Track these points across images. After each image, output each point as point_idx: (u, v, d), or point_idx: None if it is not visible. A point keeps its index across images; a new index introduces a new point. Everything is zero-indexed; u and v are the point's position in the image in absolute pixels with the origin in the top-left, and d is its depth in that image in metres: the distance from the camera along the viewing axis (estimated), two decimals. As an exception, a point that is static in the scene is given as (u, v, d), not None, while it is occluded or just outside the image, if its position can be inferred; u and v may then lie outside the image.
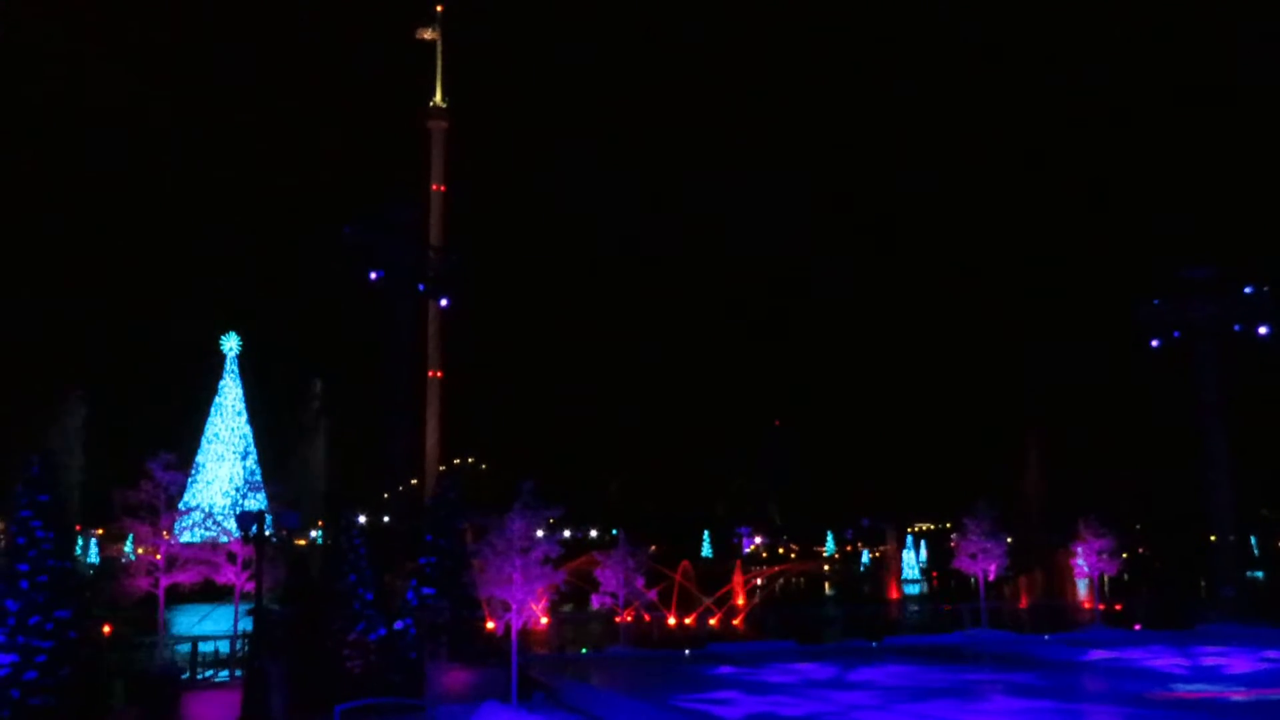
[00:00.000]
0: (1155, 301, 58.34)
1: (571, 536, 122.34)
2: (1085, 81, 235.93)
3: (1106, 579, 59.69)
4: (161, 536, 33.01)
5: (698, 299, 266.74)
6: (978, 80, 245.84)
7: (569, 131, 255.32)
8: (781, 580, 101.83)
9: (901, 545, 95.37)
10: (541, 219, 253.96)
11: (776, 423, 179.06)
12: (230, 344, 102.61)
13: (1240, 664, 34.87)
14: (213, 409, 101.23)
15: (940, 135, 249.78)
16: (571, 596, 51.30)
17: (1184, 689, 29.68)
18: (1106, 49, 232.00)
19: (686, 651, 39.51)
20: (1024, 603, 56.03)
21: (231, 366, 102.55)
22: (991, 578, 45.77)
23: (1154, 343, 58.13)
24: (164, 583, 32.45)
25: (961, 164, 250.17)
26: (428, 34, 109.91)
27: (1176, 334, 57.63)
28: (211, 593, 37.93)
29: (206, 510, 43.91)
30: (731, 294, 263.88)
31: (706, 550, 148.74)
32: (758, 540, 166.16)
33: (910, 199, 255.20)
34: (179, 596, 36.51)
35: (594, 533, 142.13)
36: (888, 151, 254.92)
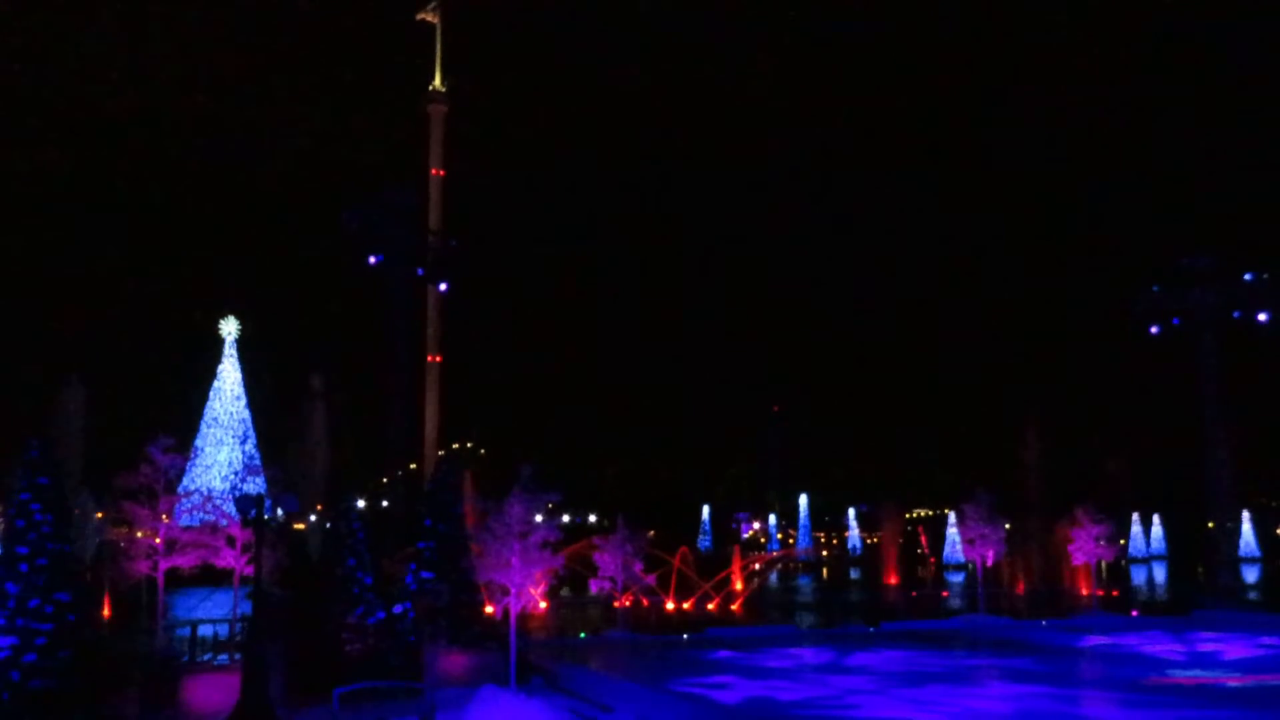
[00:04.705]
0: (1155, 288, 58.41)
1: (570, 521, 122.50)
2: (1083, 73, 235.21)
3: (1104, 565, 59.87)
4: (161, 520, 33.11)
5: (698, 284, 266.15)
6: (975, 72, 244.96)
7: (570, 117, 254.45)
8: (780, 566, 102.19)
9: (900, 531, 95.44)
10: (542, 202, 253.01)
11: (775, 409, 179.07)
12: (229, 327, 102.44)
13: (1237, 650, 35.01)
14: (211, 393, 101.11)
15: (938, 126, 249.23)
16: (570, 581, 51.44)
17: (1180, 675, 29.79)
18: (1104, 40, 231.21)
19: (684, 636, 39.63)
20: (1021, 588, 56.19)
21: (230, 350, 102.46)
22: (989, 563, 45.91)
23: (1154, 330, 58.22)
24: (163, 566, 32.57)
25: (959, 156, 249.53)
26: (428, 16, 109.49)
27: (1176, 321, 57.72)
28: (211, 576, 38.07)
29: (205, 494, 44.01)
30: (731, 281, 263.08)
31: (704, 537, 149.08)
32: (756, 526, 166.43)
33: (909, 189, 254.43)
34: (178, 580, 36.63)
35: (593, 518, 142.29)
36: (886, 144, 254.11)
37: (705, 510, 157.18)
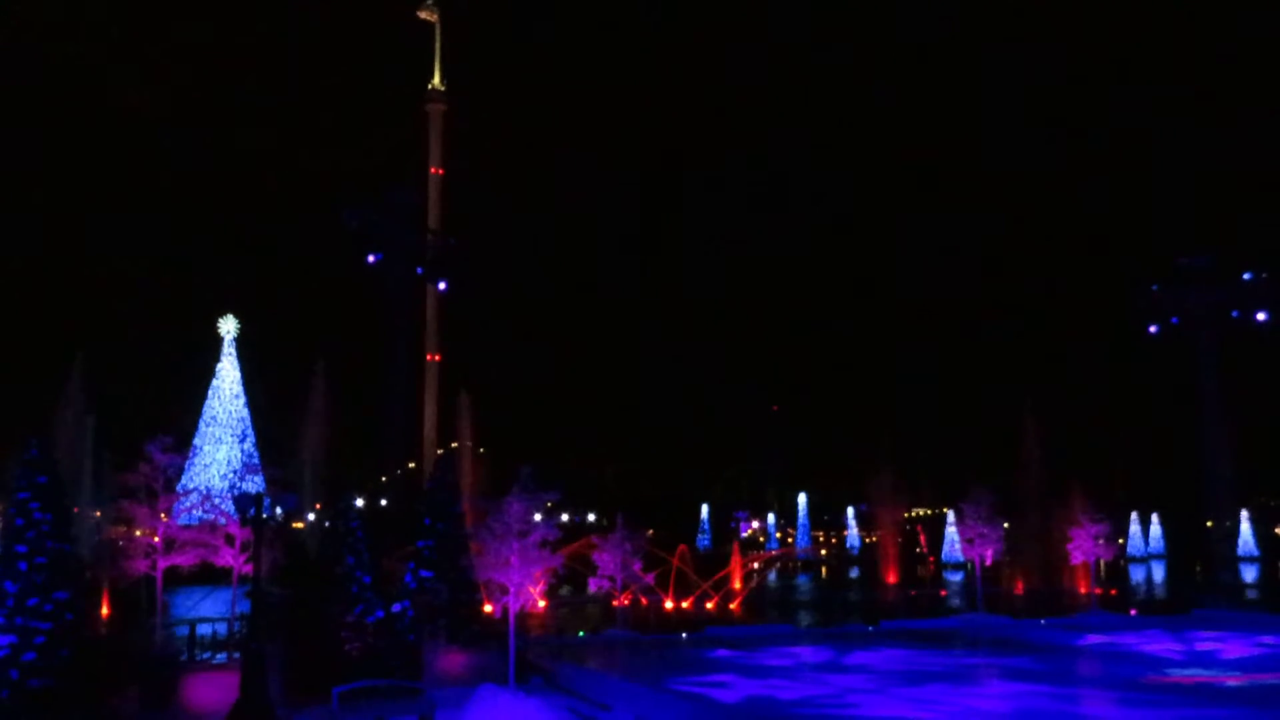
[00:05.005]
0: (1155, 288, 58.49)
1: (569, 520, 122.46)
2: (1083, 72, 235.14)
3: (1103, 564, 59.87)
4: (159, 519, 33.10)
5: (697, 284, 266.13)
6: (976, 71, 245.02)
7: (570, 117, 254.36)
8: (778, 564, 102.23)
9: (898, 530, 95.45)
10: (541, 202, 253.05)
11: (774, 408, 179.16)
12: (228, 325, 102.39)
13: (1235, 649, 35.00)
14: (210, 391, 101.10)
15: (938, 123, 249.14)
16: (569, 580, 51.47)
17: (1179, 674, 29.80)
18: (1104, 35, 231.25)
19: (684, 635, 39.62)
20: (1020, 587, 56.23)
21: (229, 348, 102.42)
22: (988, 562, 45.92)
23: (1152, 329, 58.29)
24: (162, 565, 32.56)
25: (960, 153, 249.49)
26: (427, 15, 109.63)
27: (1175, 320, 57.80)
28: (209, 575, 38.06)
29: (204, 492, 44.01)
30: (730, 278, 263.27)
31: (703, 536, 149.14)
32: (755, 525, 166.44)
33: (909, 186, 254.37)
34: (177, 579, 36.60)
35: (592, 516, 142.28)
36: (886, 143, 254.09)
37: (704, 509, 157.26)
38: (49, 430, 39.60)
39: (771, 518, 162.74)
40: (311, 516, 67.58)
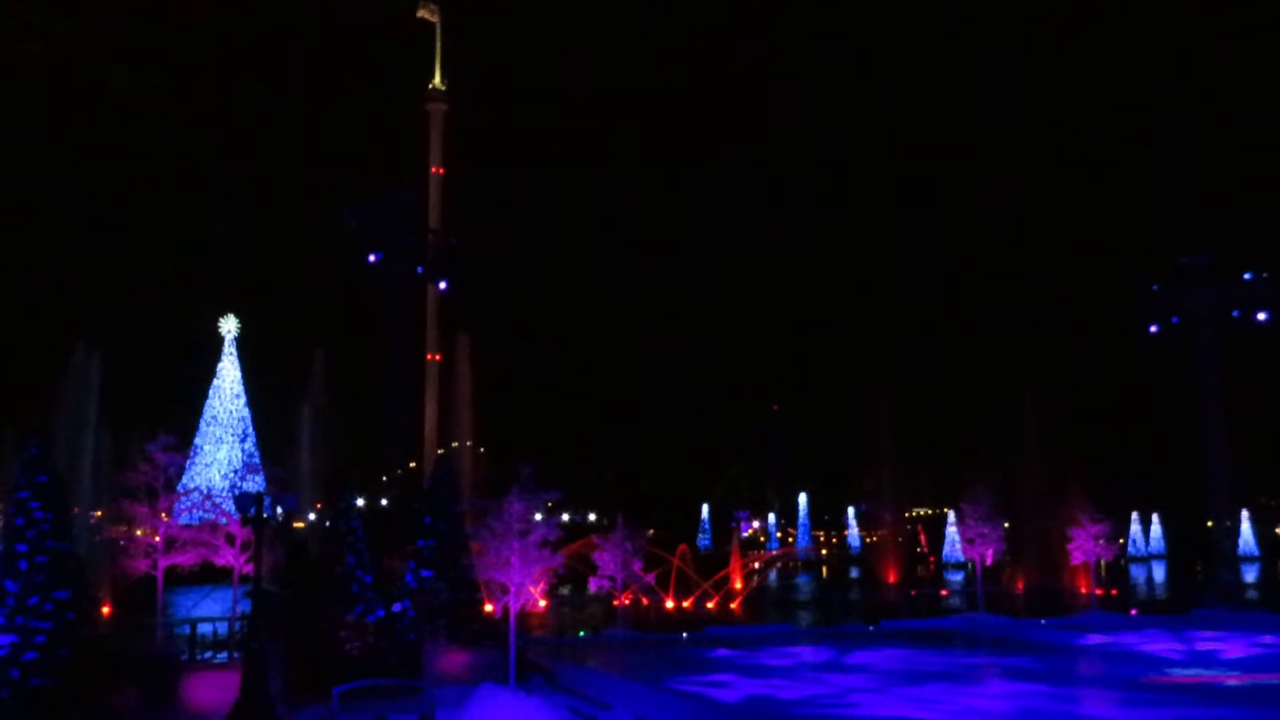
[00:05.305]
0: (1155, 288, 58.54)
1: (570, 520, 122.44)
2: (1083, 72, 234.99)
3: (1103, 563, 59.87)
4: (160, 518, 33.11)
5: (698, 283, 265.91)
6: (972, 67, 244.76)
7: (570, 117, 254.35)
8: (779, 564, 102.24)
9: (899, 530, 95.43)
10: (541, 202, 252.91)
11: (775, 408, 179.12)
12: (228, 325, 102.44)
13: (1236, 648, 35.00)
14: (211, 391, 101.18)
15: (937, 125, 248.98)
16: (569, 579, 51.43)
17: (1179, 673, 29.80)
18: (1104, 35, 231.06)
19: (684, 634, 39.60)
20: (1020, 587, 56.20)
21: (230, 348, 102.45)
22: (989, 562, 45.90)
23: (1153, 328, 58.32)
24: (162, 564, 32.57)
25: (960, 153, 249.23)
26: (427, 14, 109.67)
27: (1176, 320, 57.84)
28: (210, 574, 38.05)
29: (205, 492, 44.03)
30: (730, 277, 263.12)
31: (703, 536, 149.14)
32: (755, 524, 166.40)
33: (909, 187, 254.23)
34: (177, 578, 36.58)
35: (592, 516, 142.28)
36: (886, 143, 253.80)
37: (704, 509, 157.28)
38: (49, 429, 39.60)
39: (772, 518, 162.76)
40: (312, 516, 67.55)
